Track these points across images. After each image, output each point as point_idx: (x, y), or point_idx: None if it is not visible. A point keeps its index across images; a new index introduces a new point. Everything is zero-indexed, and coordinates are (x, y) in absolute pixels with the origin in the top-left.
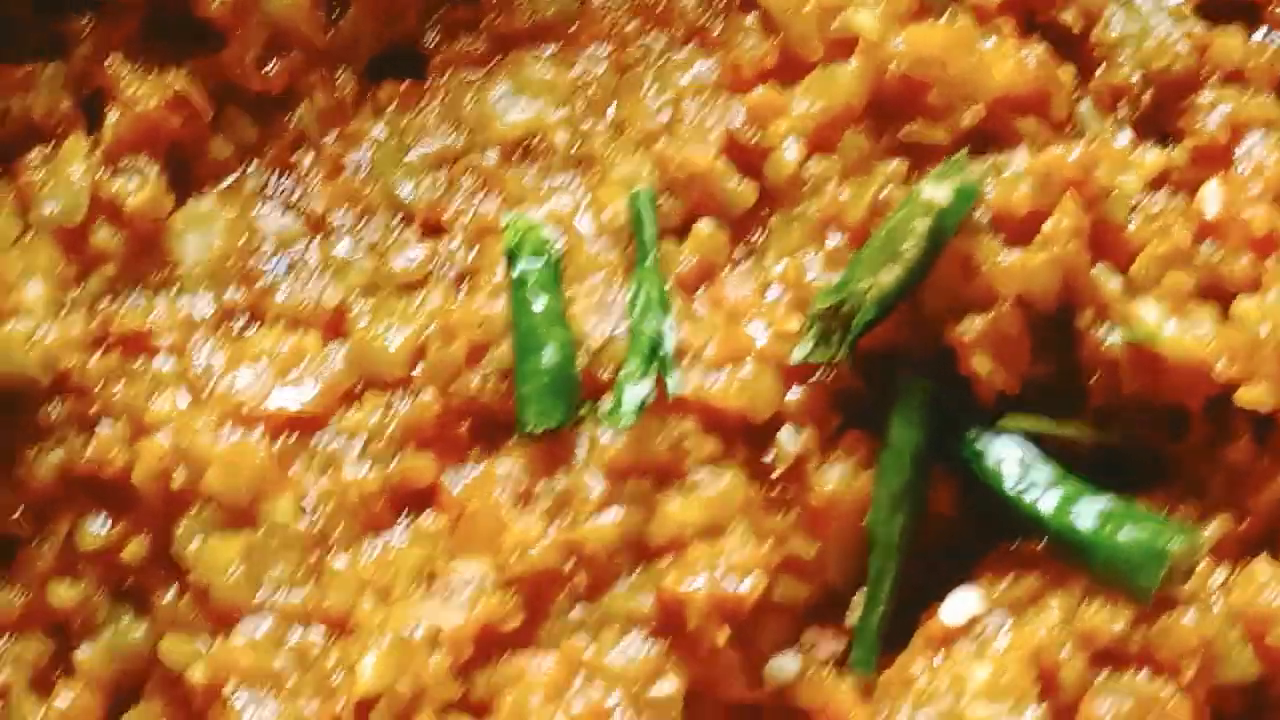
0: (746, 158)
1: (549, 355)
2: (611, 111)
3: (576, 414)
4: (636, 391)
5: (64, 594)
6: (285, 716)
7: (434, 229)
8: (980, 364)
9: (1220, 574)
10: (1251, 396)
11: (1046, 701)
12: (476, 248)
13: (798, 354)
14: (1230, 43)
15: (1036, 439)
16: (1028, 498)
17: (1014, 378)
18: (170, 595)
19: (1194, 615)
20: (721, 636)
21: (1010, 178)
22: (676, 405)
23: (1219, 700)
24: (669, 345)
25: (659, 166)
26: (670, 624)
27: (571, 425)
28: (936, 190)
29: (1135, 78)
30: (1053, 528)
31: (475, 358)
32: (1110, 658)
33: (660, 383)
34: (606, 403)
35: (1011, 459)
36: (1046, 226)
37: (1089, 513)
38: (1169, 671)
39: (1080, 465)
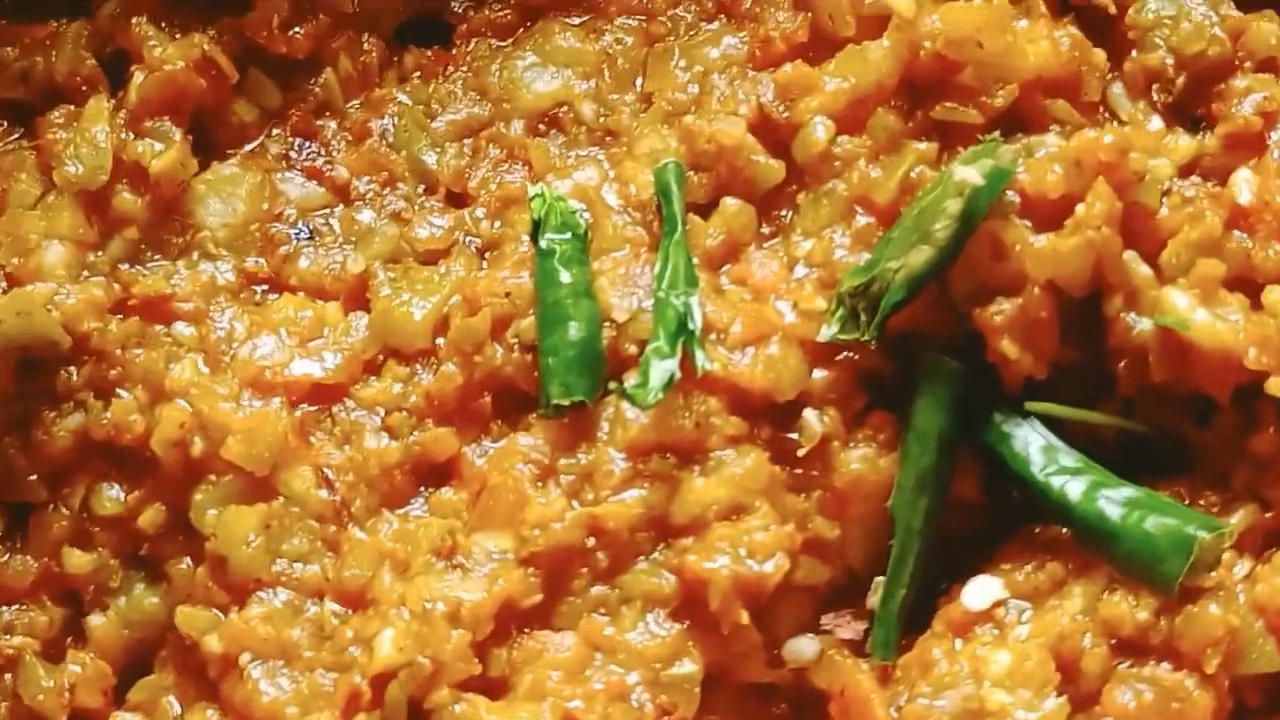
0: (775, 134)
1: (575, 329)
2: (639, 84)
3: (601, 389)
4: (663, 368)
5: (78, 561)
6: (302, 689)
7: (458, 198)
8: (1008, 348)
9: (1244, 565)
10: None
11: (1067, 690)
12: (501, 219)
13: (825, 333)
14: (1265, 28)
15: (1062, 425)
16: (1054, 484)
17: (1042, 363)
18: (186, 564)
19: (1218, 607)
20: (743, 617)
21: (1042, 160)
22: (702, 383)
23: (1241, 692)
24: (696, 321)
25: (686, 141)
26: (691, 604)
27: (596, 401)
28: (969, 171)
29: (1169, 62)
30: (1078, 514)
31: (499, 330)
32: (1132, 648)
33: (685, 359)
34: (632, 379)
35: (1038, 444)
36: (1079, 210)
37: (1115, 500)
38: (1191, 663)
39: (1106, 453)
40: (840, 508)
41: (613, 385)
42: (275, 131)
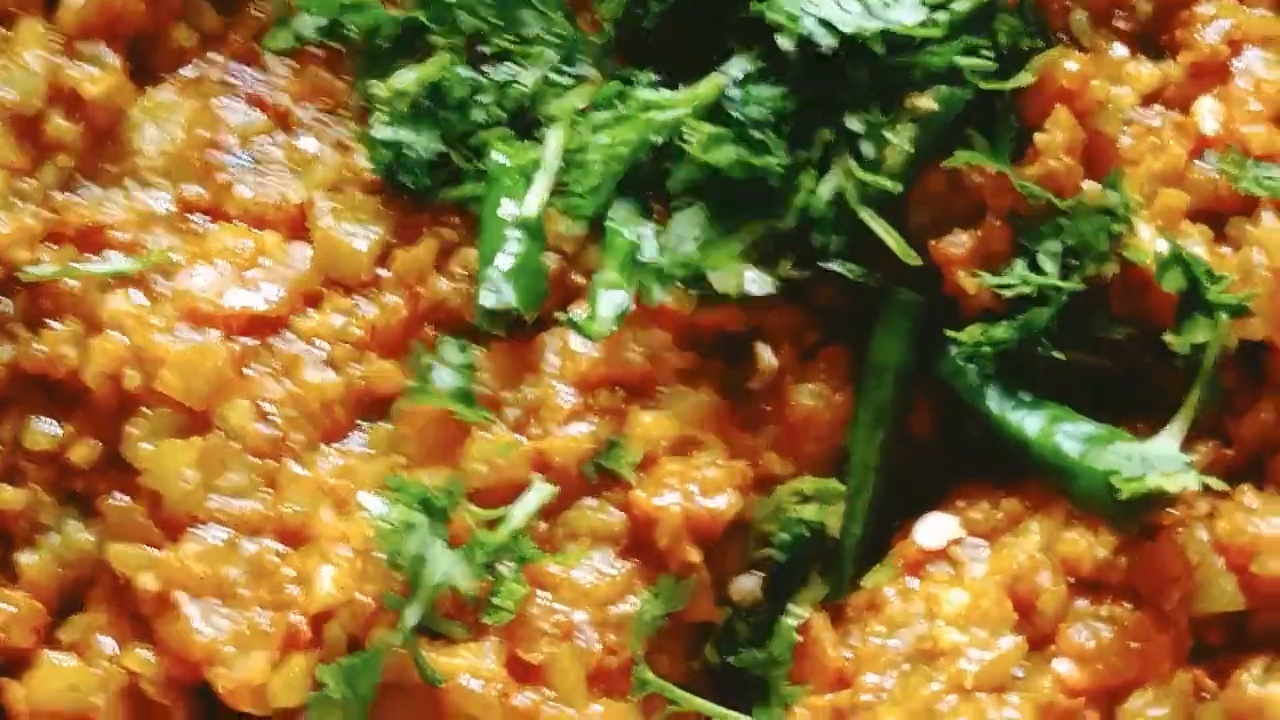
0: None
1: (516, 242)
2: None
3: (539, 308)
4: (613, 299)
5: (9, 496)
6: (238, 627)
7: None
8: (966, 280)
9: (1204, 503)
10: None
11: (1024, 629)
12: None
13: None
14: None
15: (1021, 360)
16: (1012, 419)
17: (1000, 295)
18: (120, 500)
19: (1177, 544)
20: (693, 555)
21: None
22: (651, 315)
23: (1200, 631)
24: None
25: None
26: (639, 541)
27: (541, 329)
28: (924, 99)
29: None
30: (1036, 450)
31: (443, 260)
32: (1090, 586)
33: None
34: (580, 310)
35: (994, 379)
36: (1038, 139)
37: (1074, 436)
38: (1150, 601)
39: (1065, 388)
40: (793, 444)
41: (559, 315)
42: (214, 56)
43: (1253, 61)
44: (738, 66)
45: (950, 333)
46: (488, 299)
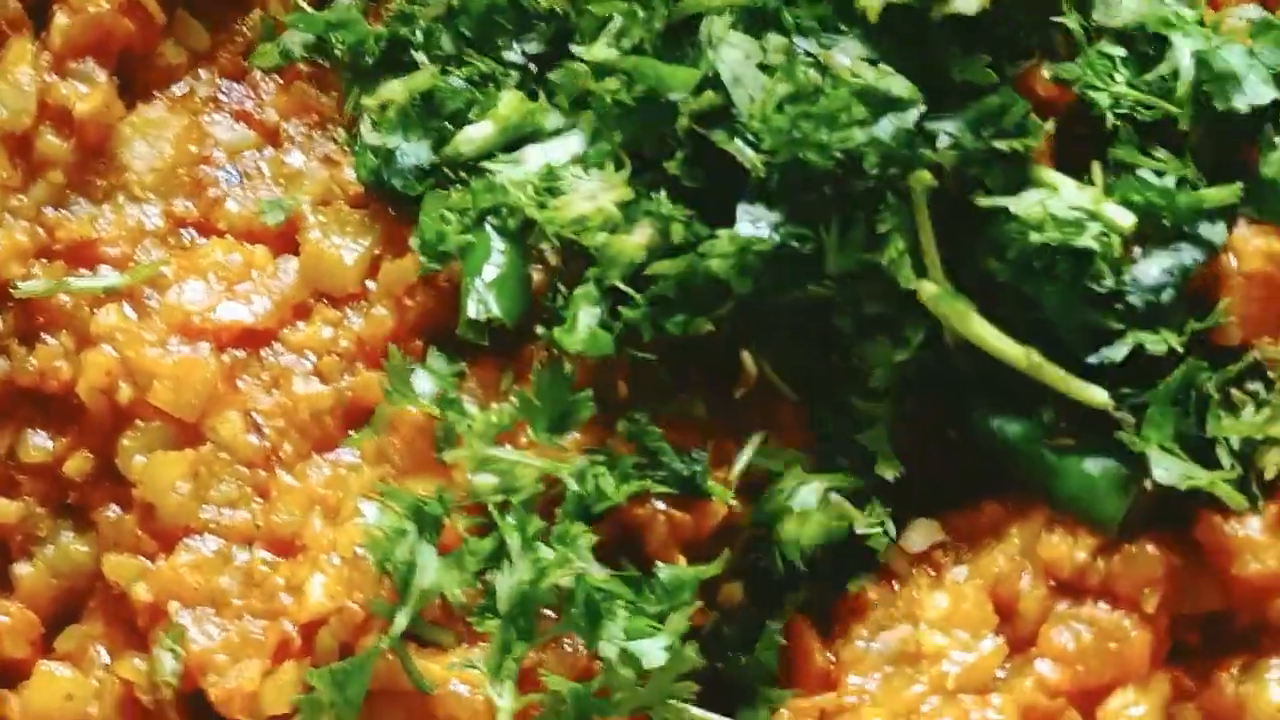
0: None
1: (499, 254)
2: None
3: (525, 319)
4: (593, 314)
5: (4, 509)
6: (231, 636)
7: None
8: None
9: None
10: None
11: (1005, 631)
12: None
13: None
14: None
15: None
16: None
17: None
18: (114, 512)
19: (1156, 546)
20: (680, 560)
21: None
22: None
23: (1180, 632)
24: None
25: None
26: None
27: (527, 341)
28: None
29: None
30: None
31: (431, 271)
32: (1071, 588)
33: None
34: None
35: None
36: None
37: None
38: (1129, 603)
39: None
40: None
41: (539, 330)
42: (203, 74)
43: None
44: None
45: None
46: (472, 310)
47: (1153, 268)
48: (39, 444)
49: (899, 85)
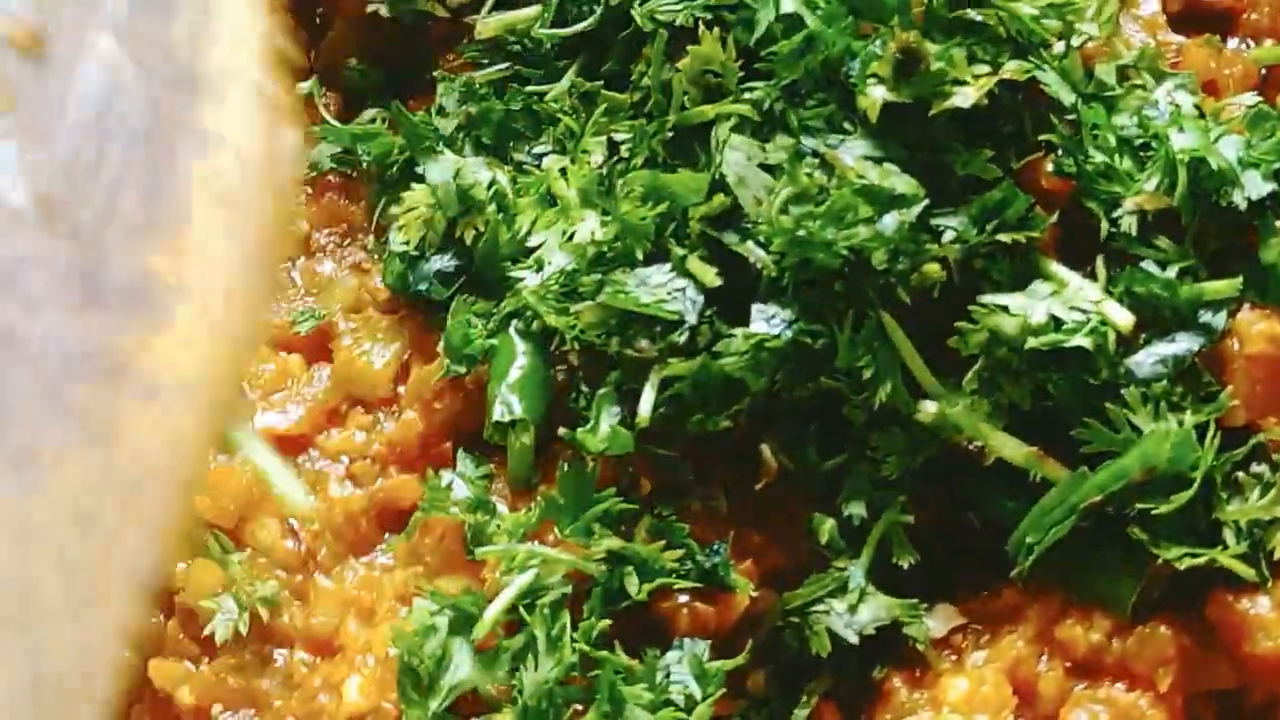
0: None
1: (523, 356)
2: None
3: (548, 418)
4: (615, 414)
5: None
6: None
7: None
8: None
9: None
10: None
11: (1024, 713)
12: None
13: None
14: None
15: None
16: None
17: None
18: (158, 618)
19: (1169, 626)
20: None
21: None
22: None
23: (1197, 710)
24: None
25: None
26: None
27: (544, 432)
28: None
29: None
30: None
31: (457, 374)
32: (1087, 669)
33: None
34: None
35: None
36: None
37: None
38: (1144, 682)
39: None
40: (799, 539)
41: (563, 432)
42: None
43: None
44: None
45: None
46: (498, 412)
47: (1148, 359)
48: None
49: (903, 182)
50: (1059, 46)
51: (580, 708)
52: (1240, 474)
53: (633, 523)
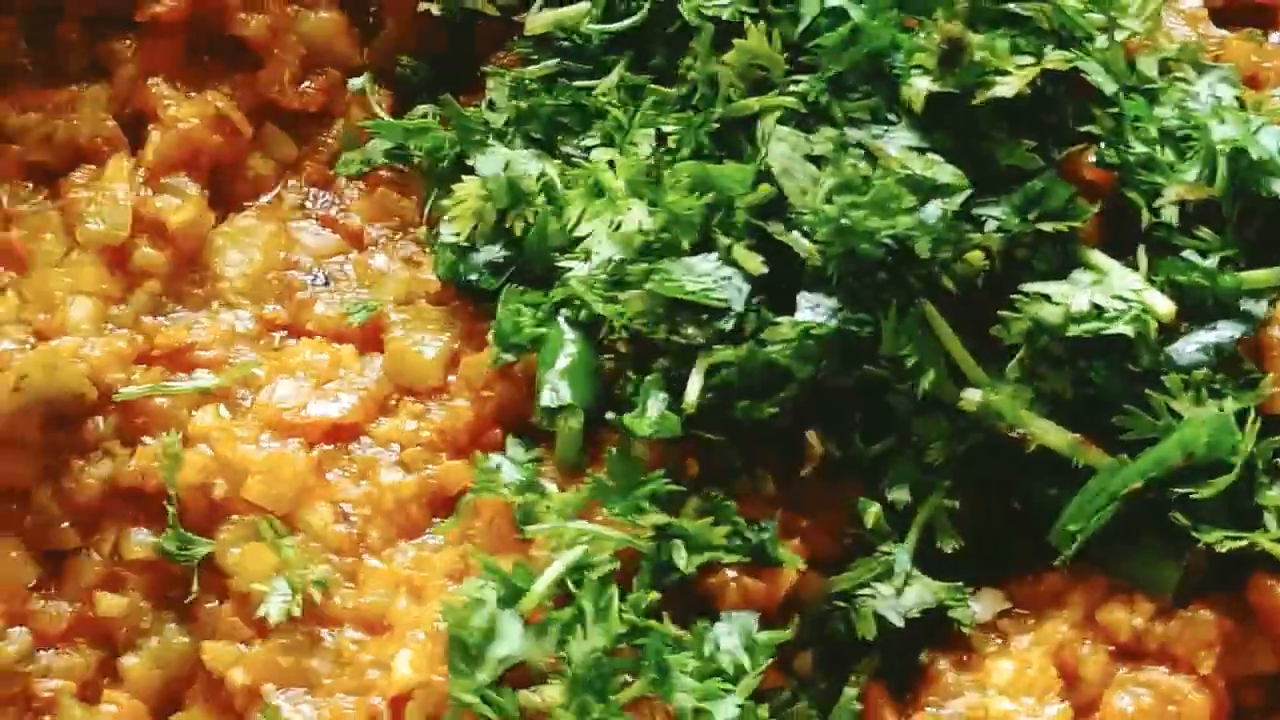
0: None
1: (570, 344)
2: None
3: (598, 405)
4: (663, 399)
5: (111, 604)
6: (324, 713)
7: None
8: None
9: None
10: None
11: (1069, 696)
12: None
13: None
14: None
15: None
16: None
17: None
18: (213, 602)
19: (1211, 610)
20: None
21: None
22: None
23: (1238, 693)
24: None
25: None
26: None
27: (594, 418)
28: None
29: None
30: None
31: (508, 364)
32: (1130, 653)
33: None
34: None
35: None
36: None
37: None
38: (1187, 666)
39: None
40: (844, 525)
41: (609, 416)
42: (291, 182)
43: None
44: None
45: None
46: (546, 398)
47: (1189, 346)
48: (141, 540)
49: (946, 172)
50: (1102, 40)
51: (630, 679)
52: None
53: (680, 503)
